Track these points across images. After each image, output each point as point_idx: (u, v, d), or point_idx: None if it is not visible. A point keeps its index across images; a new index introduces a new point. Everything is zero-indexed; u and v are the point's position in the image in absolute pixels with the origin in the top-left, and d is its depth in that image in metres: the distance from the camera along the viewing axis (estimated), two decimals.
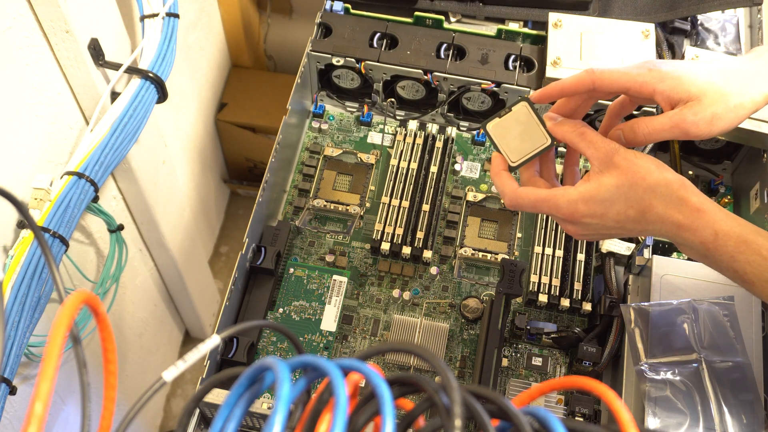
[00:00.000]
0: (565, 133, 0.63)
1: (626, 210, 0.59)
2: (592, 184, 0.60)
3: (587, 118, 0.88)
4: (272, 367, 0.38)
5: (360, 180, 0.90)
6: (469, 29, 0.92)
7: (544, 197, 0.62)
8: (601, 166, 0.60)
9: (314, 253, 0.86)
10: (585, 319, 0.81)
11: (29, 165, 0.78)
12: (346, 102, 0.95)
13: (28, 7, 0.73)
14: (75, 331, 0.41)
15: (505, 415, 0.38)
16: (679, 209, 0.57)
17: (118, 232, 0.94)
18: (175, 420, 1.52)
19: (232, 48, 1.58)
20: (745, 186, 0.86)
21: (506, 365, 0.79)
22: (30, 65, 0.75)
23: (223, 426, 0.37)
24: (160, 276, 1.30)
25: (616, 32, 0.86)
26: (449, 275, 0.84)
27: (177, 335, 1.54)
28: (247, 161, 1.67)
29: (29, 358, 0.78)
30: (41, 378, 0.32)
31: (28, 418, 0.31)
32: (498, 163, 0.65)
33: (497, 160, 0.66)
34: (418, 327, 0.80)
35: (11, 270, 0.68)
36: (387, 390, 0.36)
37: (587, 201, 0.60)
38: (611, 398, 0.37)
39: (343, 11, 0.93)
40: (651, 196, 0.58)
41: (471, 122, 0.93)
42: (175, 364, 0.41)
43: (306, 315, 0.80)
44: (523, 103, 0.64)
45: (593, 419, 0.74)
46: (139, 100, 0.82)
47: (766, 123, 0.81)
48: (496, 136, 0.65)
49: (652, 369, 0.70)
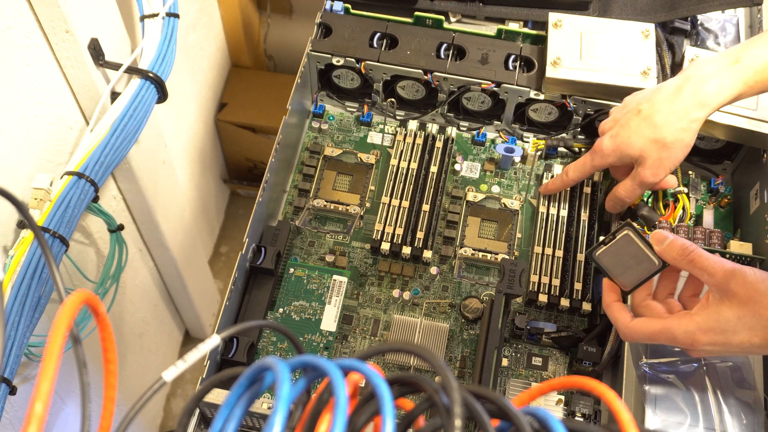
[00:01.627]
0: (675, 261, 0.62)
1: (750, 339, 0.57)
2: (711, 314, 0.58)
3: (587, 119, 0.88)
4: (272, 367, 0.38)
5: (360, 180, 0.90)
6: (469, 29, 0.92)
7: (659, 330, 0.60)
8: (719, 293, 0.58)
9: (314, 253, 0.86)
10: (585, 319, 0.81)
11: (29, 165, 0.78)
12: (346, 102, 0.95)
13: (28, 7, 0.73)
14: (75, 331, 0.41)
15: (505, 415, 0.38)
16: None
17: (118, 232, 0.94)
18: (175, 420, 1.52)
19: (232, 48, 1.58)
20: (745, 186, 0.86)
21: (506, 365, 0.79)
22: (30, 65, 0.75)
23: (223, 426, 0.37)
24: (160, 276, 1.30)
25: (616, 32, 0.86)
26: (449, 275, 0.84)
27: (177, 335, 1.54)
28: (247, 161, 1.67)
29: (29, 358, 0.78)
30: (41, 378, 0.32)
31: (28, 418, 0.31)
32: (610, 294, 0.65)
33: (609, 289, 0.66)
34: (418, 327, 0.80)
35: (11, 270, 0.68)
36: (387, 390, 0.36)
37: (707, 332, 0.58)
38: (611, 398, 0.37)
39: (343, 11, 0.93)
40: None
41: (471, 122, 0.93)
42: (175, 364, 0.41)
43: (306, 315, 0.80)
44: (627, 230, 0.65)
45: (593, 419, 0.74)
46: (139, 100, 0.82)
47: (766, 123, 0.81)
48: (606, 264, 0.66)
49: (652, 369, 0.70)
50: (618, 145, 0.74)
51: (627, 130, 0.73)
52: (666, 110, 0.70)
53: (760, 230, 0.80)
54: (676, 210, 0.84)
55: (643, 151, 0.72)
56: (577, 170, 0.81)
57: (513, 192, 0.90)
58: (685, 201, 0.84)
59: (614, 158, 0.75)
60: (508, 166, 0.91)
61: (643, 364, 0.71)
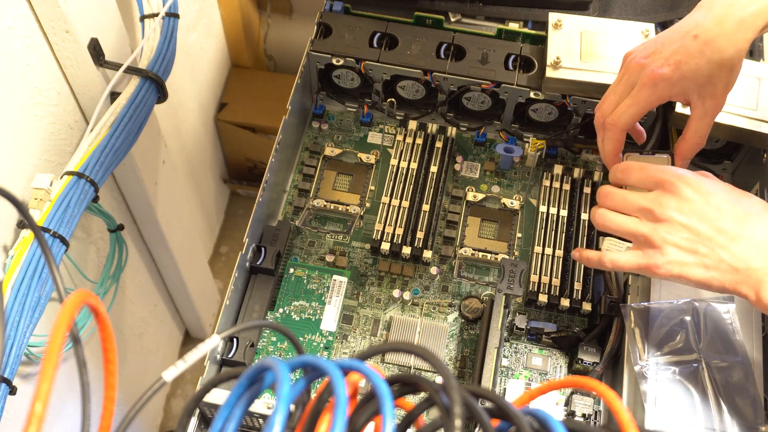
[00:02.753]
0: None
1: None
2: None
3: (587, 119, 0.88)
4: (272, 367, 0.38)
5: (360, 180, 0.90)
6: (469, 29, 0.92)
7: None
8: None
9: (314, 253, 0.86)
10: (585, 319, 0.81)
11: (29, 165, 0.78)
12: (346, 102, 0.95)
13: (28, 7, 0.73)
14: (75, 331, 0.41)
15: (505, 415, 0.38)
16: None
17: (118, 232, 0.94)
18: (175, 420, 1.52)
19: (232, 48, 1.58)
20: (745, 186, 0.86)
21: (506, 365, 0.79)
22: (30, 65, 0.75)
23: (223, 426, 0.37)
24: (160, 276, 1.30)
25: (616, 32, 0.86)
26: (449, 275, 0.84)
27: (177, 335, 1.54)
28: (247, 161, 1.68)
29: (29, 358, 0.79)
30: (41, 378, 0.32)
31: (28, 418, 0.31)
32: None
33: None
34: (418, 327, 0.80)
35: (11, 270, 0.68)
36: (387, 390, 0.36)
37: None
38: (611, 398, 0.37)
39: (343, 11, 0.93)
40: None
41: (471, 122, 0.93)
42: (175, 364, 0.41)
43: (306, 315, 0.80)
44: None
45: (593, 419, 0.74)
46: (139, 100, 0.82)
47: (766, 123, 0.81)
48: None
49: (652, 369, 0.71)
50: (684, 73, 0.67)
51: (689, 56, 0.67)
52: (725, 33, 0.67)
53: None
54: None
55: (711, 77, 0.66)
56: (634, 106, 0.69)
57: (513, 192, 0.90)
58: None
59: (677, 89, 0.68)
60: (508, 166, 0.91)
61: (643, 364, 0.71)
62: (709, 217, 0.60)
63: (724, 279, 0.59)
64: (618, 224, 0.64)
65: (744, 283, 0.59)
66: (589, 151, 0.91)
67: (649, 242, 0.62)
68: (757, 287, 0.58)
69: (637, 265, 0.63)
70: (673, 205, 0.61)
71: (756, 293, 0.58)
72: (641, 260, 0.62)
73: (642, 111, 0.69)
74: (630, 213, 0.64)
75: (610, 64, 0.84)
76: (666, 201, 0.61)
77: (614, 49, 0.85)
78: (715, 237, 0.59)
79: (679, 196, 0.61)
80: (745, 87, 0.83)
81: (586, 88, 0.84)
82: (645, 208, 0.62)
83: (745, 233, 0.59)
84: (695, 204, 0.60)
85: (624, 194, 0.65)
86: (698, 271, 0.60)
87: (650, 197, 0.63)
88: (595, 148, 0.91)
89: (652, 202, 0.62)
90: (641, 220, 0.63)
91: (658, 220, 0.61)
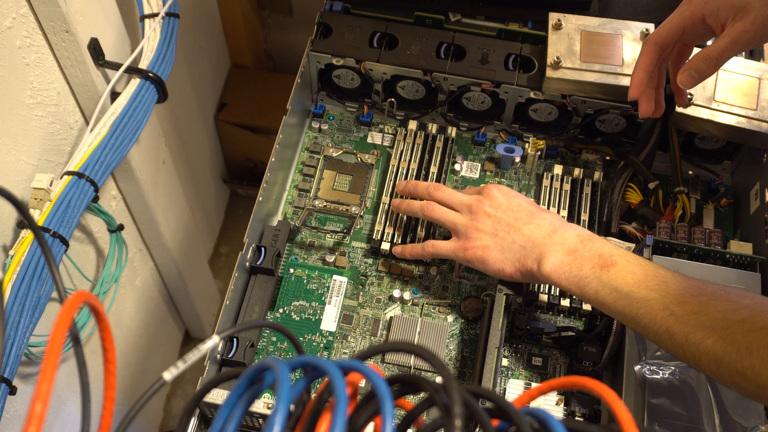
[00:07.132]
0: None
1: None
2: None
3: (587, 119, 0.88)
4: (272, 367, 0.38)
5: (360, 180, 0.90)
6: (469, 29, 0.92)
7: None
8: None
9: (314, 253, 0.86)
10: (585, 319, 0.81)
11: (29, 165, 0.78)
12: (346, 102, 0.95)
13: (28, 7, 0.73)
14: (75, 331, 0.41)
15: (505, 415, 0.38)
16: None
17: (118, 232, 0.94)
18: (175, 420, 1.52)
19: (232, 48, 1.58)
20: (745, 186, 0.86)
21: (506, 365, 0.79)
22: (30, 65, 0.75)
23: (223, 426, 0.37)
24: (160, 276, 1.30)
25: (616, 32, 0.86)
26: (449, 275, 0.84)
27: (177, 335, 1.54)
28: (247, 161, 1.68)
29: (29, 358, 0.79)
30: (41, 378, 0.32)
31: (28, 418, 0.31)
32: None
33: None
34: (418, 327, 0.80)
35: (11, 270, 0.68)
36: (387, 390, 0.36)
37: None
38: (611, 398, 0.37)
39: (343, 11, 0.93)
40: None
41: (471, 122, 0.93)
42: (175, 364, 0.41)
43: (306, 315, 0.80)
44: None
45: (593, 419, 0.74)
46: (139, 100, 0.82)
47: (766, 123, 0.81)
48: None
49: (652, 369, 0.71)
50: None
51: None
52: None
53: (760, 230, 0.80)
54: (676, 210, 0.84)
55: (748, 3, 0.67)
56: (667, 22, 0.73)
57: None
58: (684, 201, 0.84)
59: (711, 6, 0.69)
60: (508, 166, 0.91)
61: (642, 363, 0.71)
62: (510, 211, 0.73)
63: (515, 258, 0.71)
64: (444, 214, 0.76)
65: (529, 257, 0.70)
66: (589, 151, 0.91)
67: (465, 229, 0.74)
68: (539, 259, 0.69)
69: (452, 249, 0.75)
70: (486, 203, 0.74)
71: (539, 265, 0.69)
72: (456, 244, 0.75)
73: (673, 27, 0.73)
74: (454, 208, 0.76)
75: (610, 64, 0.84)
76: (482, 200, 0.75)
77: (614, 49, 0.85)
78: (512, 223, 0.72)
79: (492, 197, 0.75)
80: (745, 87, 0.83)
81: (586, 88, 0.84)
82: (467, 203, 0.75)
83: (534, 221, 0.72)
84: (501, 201, 0.74)
85: (453, 191, 0.78)
86: (496, 255, 0.72)
87: (473, 197, 0.76)
88: (595, 148, 0.91)
89: (473, 200, 0.75)
90: (462, 214, 0.75)
91: (474, 213, 0.74)
